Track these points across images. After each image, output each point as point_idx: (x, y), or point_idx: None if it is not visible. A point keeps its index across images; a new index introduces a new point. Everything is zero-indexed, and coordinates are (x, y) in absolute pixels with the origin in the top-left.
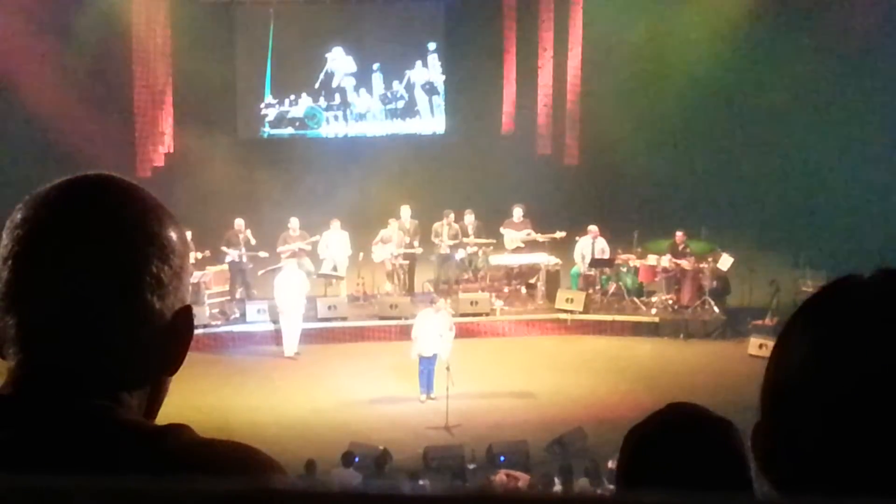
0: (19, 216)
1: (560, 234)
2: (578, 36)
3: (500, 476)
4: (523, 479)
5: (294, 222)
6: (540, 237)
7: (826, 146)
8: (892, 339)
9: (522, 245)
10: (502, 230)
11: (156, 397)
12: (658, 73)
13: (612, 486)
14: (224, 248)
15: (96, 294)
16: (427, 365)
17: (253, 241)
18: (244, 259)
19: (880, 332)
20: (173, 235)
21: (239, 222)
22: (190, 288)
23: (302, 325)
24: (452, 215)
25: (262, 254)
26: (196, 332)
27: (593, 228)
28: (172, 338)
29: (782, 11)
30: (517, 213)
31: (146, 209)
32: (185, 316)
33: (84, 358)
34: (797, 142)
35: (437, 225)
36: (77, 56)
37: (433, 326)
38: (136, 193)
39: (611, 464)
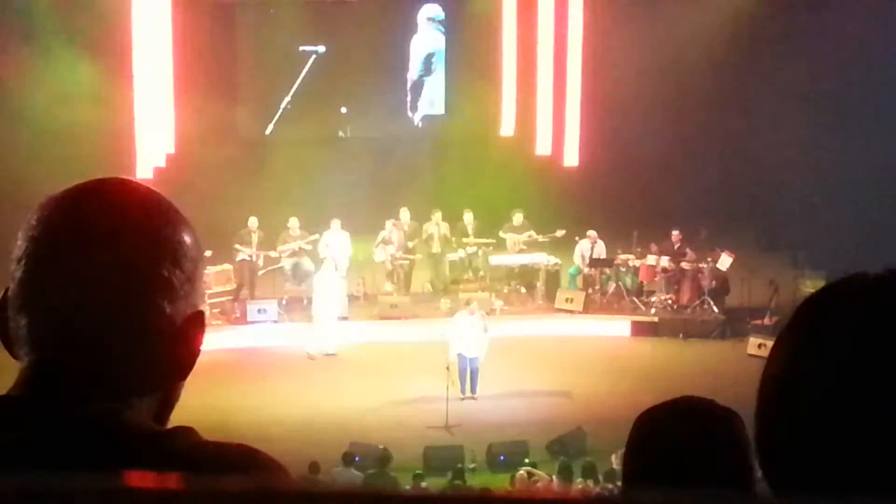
0: (34, 218)
1: (560, 233)
2: (579, 36)
3: (522, 474)
4: (543, 479)
5: (293, 222)
6: (541, 238)
7: (826, 147)
8: (893, 337)
9: (525, 247)
10: (503, 234)
11: (167, 401)
12: (658, 73)
13: (610, 485)
14: (237, 247)
15: (107, 297)
16: (469, 364)
17: (257, 249)
18: (254, 258)
19: (882, 329)
20: (187, 240)
21: (252, 221)
22: (204, 294)
23: (336, 324)
24: (440, 214)
25: (273, 253)
26: None
27: (592, 233)
28: (182, 342)
29: (785, 12)
30: (517, 218)
31: (160, 213)
32: (196, 321)
33: (93, 360)
34: (797, 142)
35: (427, 225)
36: (77, 56)
37: (469, 328)
38: (151, 197)
39: (615, 462)
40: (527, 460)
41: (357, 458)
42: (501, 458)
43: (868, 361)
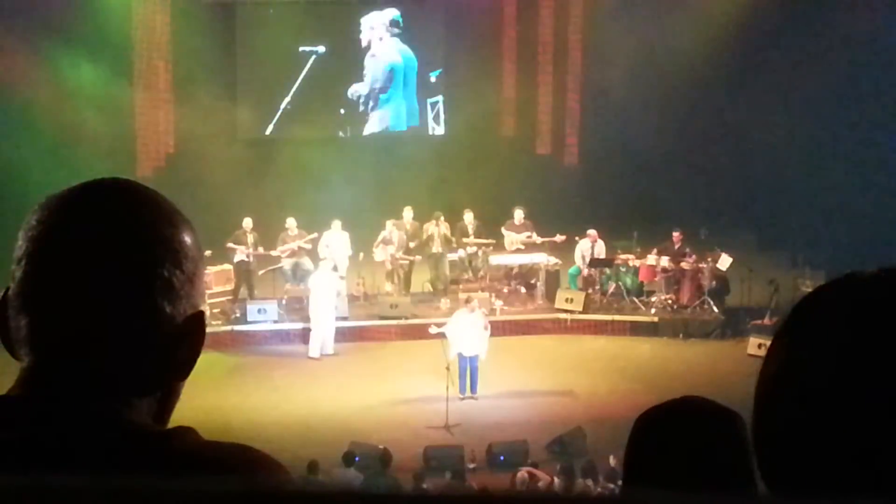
0: (34, 218)
1: (560, 238)
2: (578, 35)
3: (522, 474)
4: (544, 479)
5: (291, 222)
6: (540, 240)
7: (826, 146)
8: (890, 337)
9: (522, 247)
10: (503, 231)
11: (167, 402)
12: (658, 73)
13: (611, 485)
14: (232, 245)
15: (106, 297)
16: (469, 363)
17: (252, 249)
18: (251, 258)
19: (877, 328)
20: (187, 240)
21: (247, 222)
22: (205, 294)
23: (335, 325)
24: (442, 216)
25: (274, 253)
26: None
27: (592, 232)
28: (183, 343)
29: (785, 11)
30: (518, 215)
31: (160, 214)
32: (196, 321)
33: (93, 360)
34: (797, 142)
35: (427, 225)
36: (77, 56)
37: (469, 326)
38: (151, 198)
39: (612, 461)
40: (528, 461)
41: (357, 458)
42: (501, 458)
43: (863, 360)
